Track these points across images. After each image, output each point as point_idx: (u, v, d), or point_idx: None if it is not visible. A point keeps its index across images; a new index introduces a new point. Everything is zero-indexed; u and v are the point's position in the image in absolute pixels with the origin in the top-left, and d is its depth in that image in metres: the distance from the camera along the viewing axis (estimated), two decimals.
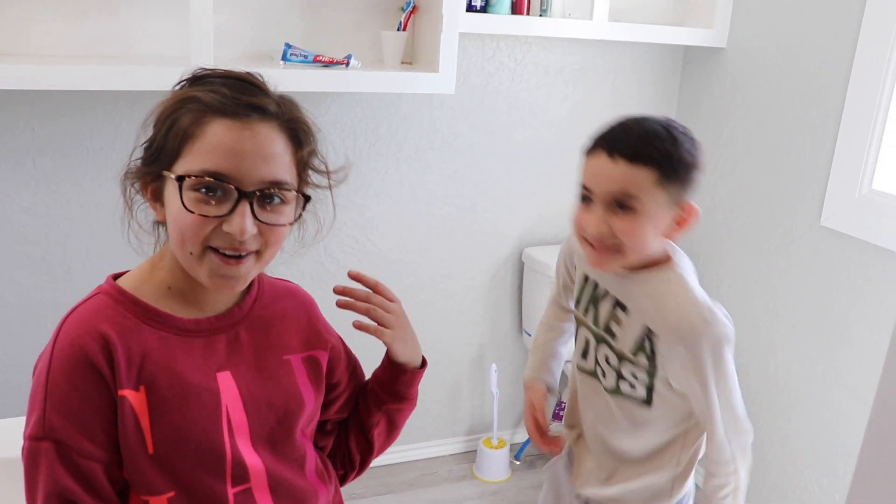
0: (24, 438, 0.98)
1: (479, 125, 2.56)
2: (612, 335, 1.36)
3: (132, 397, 0.97)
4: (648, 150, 1.22)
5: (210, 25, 1.87)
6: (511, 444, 2.94)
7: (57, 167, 2.11)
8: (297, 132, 1.00)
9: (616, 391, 1.38)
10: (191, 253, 0.96)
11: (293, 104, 1.02)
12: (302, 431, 1.12)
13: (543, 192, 2.74)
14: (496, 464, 2.80)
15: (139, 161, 1.00)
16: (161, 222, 1.04)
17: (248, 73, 1.01)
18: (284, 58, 2.08)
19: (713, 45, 2.58)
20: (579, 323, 1.45)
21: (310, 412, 1.13)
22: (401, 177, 2.51)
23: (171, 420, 0.99)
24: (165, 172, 0.96)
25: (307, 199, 1.02)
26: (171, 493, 1.01)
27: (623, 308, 1.34)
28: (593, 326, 1.40)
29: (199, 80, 1.00)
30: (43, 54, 1.99)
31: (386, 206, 2.53)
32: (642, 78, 2.75)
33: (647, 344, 1.31)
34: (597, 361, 1.40)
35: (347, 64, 2.13)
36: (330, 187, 1.09)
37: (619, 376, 1.37)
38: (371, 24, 2.29)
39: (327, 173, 1.07)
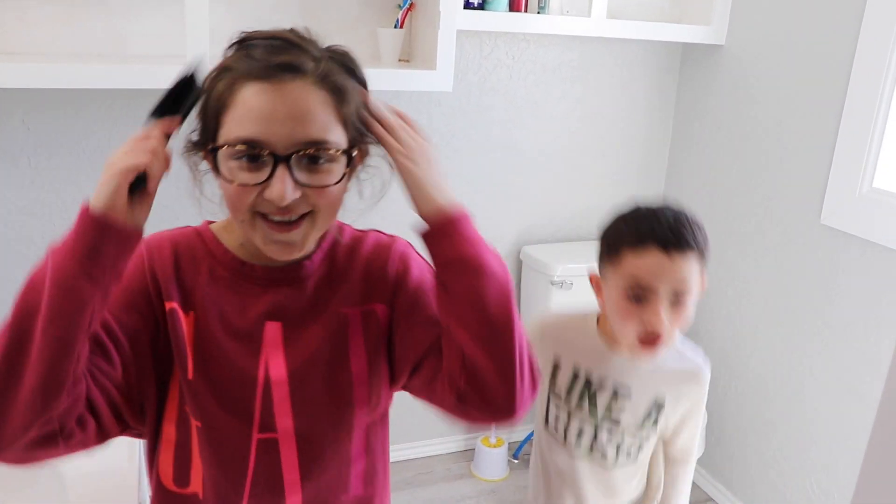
0: None
1: (476, 123, 2.55)
2: (615, 421, 1.42)
3: (182, 317, 1.00)
4: (692, 238, 1.28)
5: (205, 23, 1.86)
6: (509, 443, 2.93)
7: (53, 166, 2.10)
8: (338, 86, 0.94)
9: (614, 464, 1.47)
10: (242, 221, 0.95)
11: (341, 56, 0.97)
12: (362, 400, 1.06)
13: (541, 189, 2.73)
14: (494, 462, 2.79)
15: (192, 136, 0.99)
16: None
17: (290, 29, 0.98)
18: None
19: (712, 42, 2.57)
20: (569, 415, 1.45)
21: (364, 371, 1.05)
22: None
23: (210, 355, 1.00)
24: (209, 146, 0.95)
25: (350, 156, 0.97)
26: (199, 424, 1.02)
27: (626, 395, 1.41)
28: (591, 418, 1.43)
29: (237, 44, 0.97)
30: (38, 52, 1.97)
31: (384, 204, 2.51)
32: (640, 75, 2.74)
33: (654, 412, 1.42)
34: (593, 448, 1.46)
35: None
36: (382, 139, 1.03)
37: (619, 451, 1.45)
38: (368, 21, 2.27)
39: (379, 122, 1.02)
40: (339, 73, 0.95)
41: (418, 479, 2.77)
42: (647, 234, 1.27)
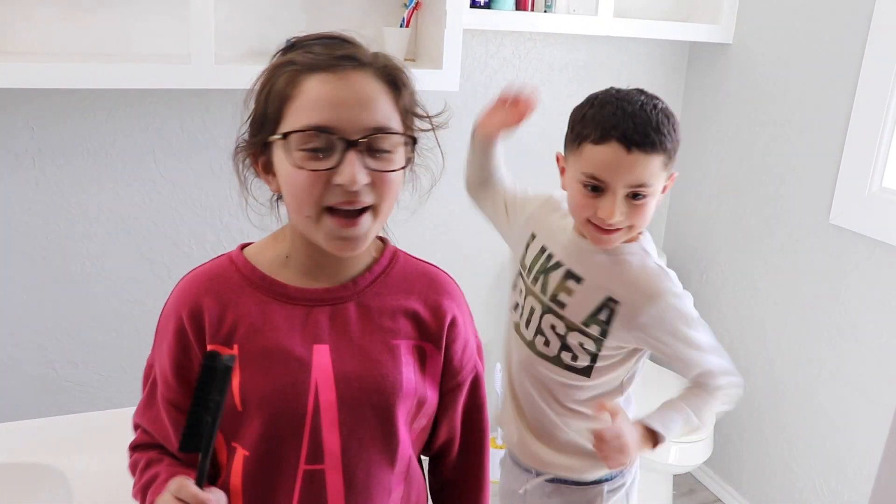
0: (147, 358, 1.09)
1: None
2: (561, 305, 1.39)
3: (226, 353, 0.99)
4: (661, 140, 1.25)
5: (211, 23, 1.85)
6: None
7: (57, 167, 2.09)
8: (394, 78, 0.98)
9: (556, 360, 1.42)
10: (307, 216, 0.96)
11: (388, 55, 1.02)
12: (405, 423, 1.06)
13: (548, 189, 2.71)
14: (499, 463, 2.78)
15: (245, 136, 1.00)
16: (277, 194, 1.04)
17: (339, 32, 1.01)
18: None
19: (719, 40, 2.56)
20: (527, 292, 1.45)
21: (412, 401, 1.05)
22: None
23: (258, 384, 0.99)
24: (272, 138, 0.95)
25: (414, 140, 1.02)
26: (247, 453, 1.01)
27: (577, 279, 1.38)
28: (541, 295, 1.41)
29: (292, 47, 1.00)
30: (42, 52, 1.97)
31: None
32: (647, 74, 2.72)
33: (604, 313, 1.35)
34: (539, 331, 1.42)
35: None
36: (434, 130, 1.09)
37: (564, 346, 1.40)
38: (374, 20, 2.26)
39: (429, 117, 1.07)
40: (399, 66, 1.00)
41: None
42: (610, 129, 1.26)
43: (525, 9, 2.34)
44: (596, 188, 1.29)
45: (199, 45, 1.85)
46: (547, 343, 1.42)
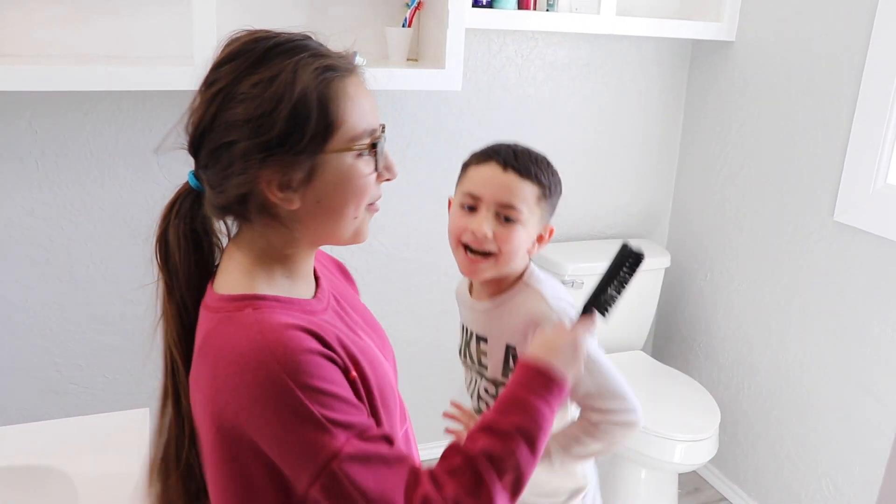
0: (325, 466, 0.85)
1: (485, 122, 2.54)
2: (485, 367, 1.45)
3: (353, 374, 0.94)
4: (536, 170, 1.34)
5: (213, 24, 1.85)
6: None
7: (60, 169, 2.09)
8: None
9: None
10: (355, 218, 0.99)
11: None
12: None
13: None
14: None
15: (274, 155, 0.89)
16: (292, 210, 0.95)
17: (300, 31, 1.02)
18: None
19: (722, 38, 2.55)
20: (466, 367, 1.54)
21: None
22: (407, 174, 2.49)
23: (370, 384, 0.97)
24: (330, 149, 0.92)
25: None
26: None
27: (484, 340, 1.44)
28: (472, 365, 1.49)
29: (276, 49, 0.94)
30: (45, 55, 1.97)
31: (392, 204, 2.50)
32: (650, 72, 2.72)
33: (510, 362, 1.41)
34: (479, 397, 1.50)
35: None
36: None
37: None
38: (376, 20, 2.26)
39: None
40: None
41: None
42: (492, 153, 1.36)
43: (527, 8, 2.34)
44: (472, 208, 1.36)
45: (202, 47, 1.85)
46: (487, 405, 1.48)
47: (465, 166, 1.41)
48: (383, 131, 0.98)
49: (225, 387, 0.86)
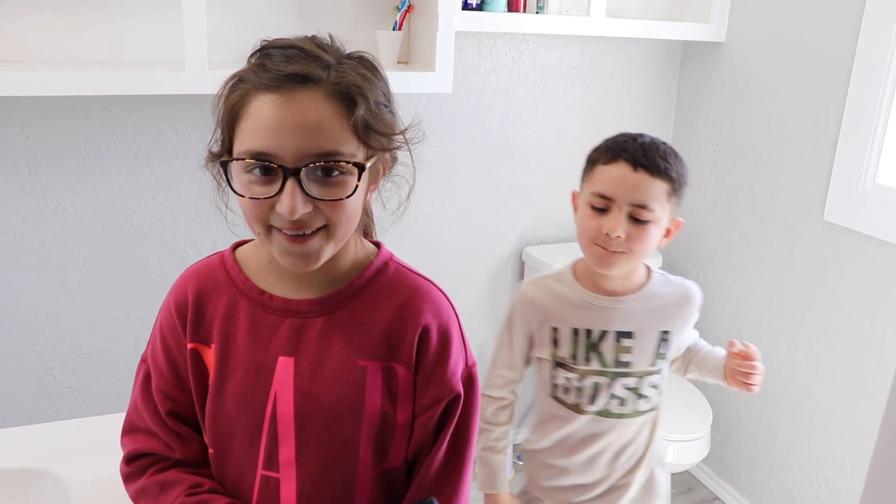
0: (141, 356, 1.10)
1: (476, 124, 2.54)
2: (626, 364, 1.46)
3: (203, 352, 1.02)
4: (665, 165, 1.35)
5: (203, 28, 1.85)
6: (514, 445, 2.92)
7: (52, 174, 2.09)
8: (350, 94, 0.91)
9: (633, 413, 1.50)
10: (258, 234, 0.94)
11: (359, 63, 0.96)
12: (369, 444, 1.03)
13: (543, 190, 2.72)
14: None
15: (210, 150, 0.97)
16: None
17: (310, 37, 0.96)
18: None
19: (712, 39, 2.57)
20: (583, 374, 1.48)
21: (376, 424, 1.02)
22: (396, 177, 2.49)
23: (227, 385, 1.01)
24: (221, 159, 0.94)
25: (360, 168, 0.93)
26: (212, 451, 1.05)
27: (628, 335, 1.46)
28: (602, 369, 1.47)
29: (257, 53, 0.95)
30: (36, 60, 1.97)
31: (384, 206, 2.51)
32: (641, 74, 2.73)
33: (662, 345, 1.48)
34: (612, 396, 1.48)
35: None
36: (408, 147, 1.05)
37: (639, 396, 1.49)
38: (366, 23, 2.27)
39: (391, 135, 0.99)
40: (355, 82, 0.92)
41: None
42: (620, 151, 1.36)
43: (517, 10, 2.35)
44: (602, 209, 1.37)
45: (193, 51, 1.85)
46: (622, 402, 1.49)
47: (592, 163, 1.42)
48: (288, 165, 0.88)
49: None
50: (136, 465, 1.06)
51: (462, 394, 1.07)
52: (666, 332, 1.48)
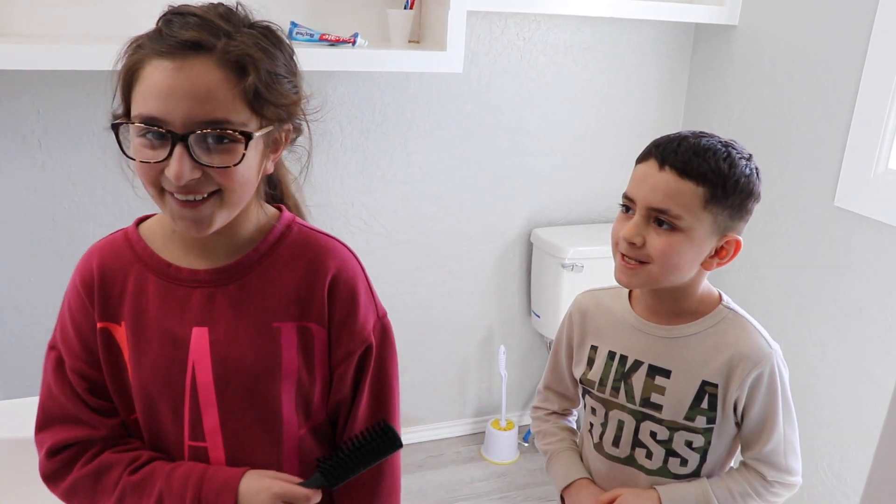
0: (48, 343, 1.09)
1: (487, 104, 2.54)
2: (656, 407, 1.25)
3: (114, 330, 1.03)
4: (700, 166, 1.14)
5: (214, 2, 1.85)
6: (519, 426, 2.93)
7: (63, 148, 2.10)
8: (242, 63, 0.92)
9: (662, 471, 1.28)
10: (152, 196, 0.96)
11: (261, 33, 0.97)
12: (291, 403, 1.05)
13: (552, 171, 2.71)
14: (504, 445, 2.80)
15: (116, 109, 0.98)
16: None
17: (216, 4, 0.98)
18: (290, 36, 2.06)
19: (725, 22, 2.55)
20: (608, 406, 1.30)
21: (295, 383, 1.05)
22: (408, 157, 2.49)
23: (144, 360, 1.02)
24: (115, 122, 0.95)
25: (248, 137, 0.93)
26: (143, 427, 1.06)
27: (664, 373, 1.24)
28: (628, 405, 1.27)
29: (159, 20, 0.97)
30: (47, 34, 1.97)
31: (393, 186, 2.51)
32: (652, 56, 2.71)
33: (705, 399, 1.23)
34: (637, 443, 1.27)
35: (354, 42, 2.10)
36: (306, 119, 1.04)
37: (669, 452, 1.26)
38: (378, 2, 2.26)
39: (286, 105, 0.99)
40: (247, 52, 0.93)
41: (429, 462, 2.78)
42: (656, 146, 1.19)
43: None
44: (629, 209, 1.20)
45: None
46: (650, 455, 1.27)
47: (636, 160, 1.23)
48: (177, 130, 0.89)
49: None
50: (60, 460, 1.05)
51: (374, 344, 1.09)
52: (711, 385, 1.22)
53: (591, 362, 1.32)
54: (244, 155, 0.93)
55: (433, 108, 2.47)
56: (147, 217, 1.10)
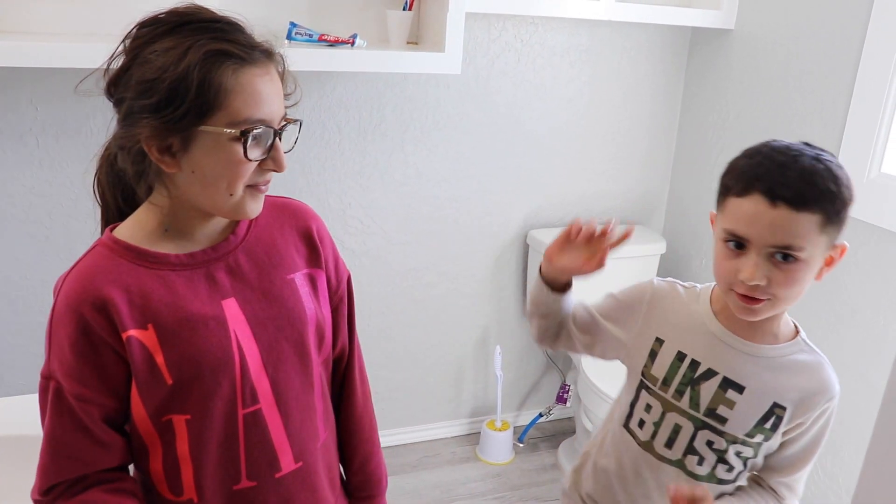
0: (40, 374, 1.06)
1: (484, 106, 2.55)
2: (721, 420, 1.24)
3: (141, 336, 1.02)
4: (813, 194, 1.08)
5: (213, 2, 1.85)
6: (514, 427, 2.94)
7: (60, 146, 2.10)
8: (284, 66, 1.08)
9: (709, 477, 1.29)
10: (231, 195, 1.03)
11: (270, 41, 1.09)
12: (315, 347, 1.16)
13: (548, 173, 2.72)
14: (499, 446, 2.81)
15: (150, 119, 0.99)
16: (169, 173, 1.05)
17: (231, 17, 1.07)
18: (289, 37, 2.07)
19: (721, 26, 2.56)
20: (667, 407, 1.28)
21: (314, 326, 1.15)
22: (406, 158, 2.50)
23: (183, 351, 1.03)
24: (205, 127, 0.98)
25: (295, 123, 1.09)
26: (188, 416, 1.06)
27: (737, 388, 1.23)
28: (690, 411, 1.25)
29: (186, 23, 1.03)
30: (45, 32, 1.97)
31: (391, 187, 2.52)
32: (649, 59, 2.72)
33: (770, 420, 1.24)
34: (691, 449, 1.27)
35: (353, 43, 2.11)
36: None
37: (720, 461, 1.27)
38: (376, 3, 2.26)
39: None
40: (282, 57, 1.09)
41: (424, 462, 2.78)
42: (754, 180, 1.11)
43: None
44: (739, 245, 1.14)
45: None
46: (701, 461, 1.27)
47: (725, 191, 1.17)
48: (275, 127, 1.02)
49: None
50: (50, 496, 1.06)
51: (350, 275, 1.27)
52: (780, 408, 1.23)
53: (653, 355, 1.30)
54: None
55: (431, 109, 2.48)
56: (113, 227, 1.10)
